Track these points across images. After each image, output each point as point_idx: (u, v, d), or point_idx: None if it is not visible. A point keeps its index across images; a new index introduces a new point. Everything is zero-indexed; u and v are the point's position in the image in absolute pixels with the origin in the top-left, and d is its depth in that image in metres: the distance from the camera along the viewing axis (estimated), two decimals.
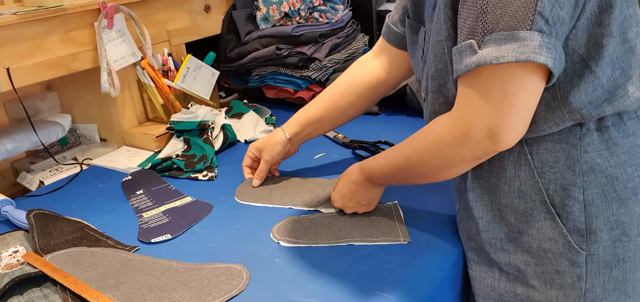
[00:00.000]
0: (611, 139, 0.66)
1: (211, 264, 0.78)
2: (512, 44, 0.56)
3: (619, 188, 0.66)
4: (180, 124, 1.26)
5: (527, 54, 0.56)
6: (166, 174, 1.14)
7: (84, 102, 1.36)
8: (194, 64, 1.39)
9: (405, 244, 0.79)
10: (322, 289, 0.71)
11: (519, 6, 0.56)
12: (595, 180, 0.66)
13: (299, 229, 0.86)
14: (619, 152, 0.66)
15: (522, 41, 0.56)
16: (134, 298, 0.72)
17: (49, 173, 1.22)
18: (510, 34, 0.56)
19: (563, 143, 0.67)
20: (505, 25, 0.57)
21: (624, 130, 0.67)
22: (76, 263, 0.81)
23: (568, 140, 0.67)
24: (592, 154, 0.66)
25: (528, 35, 0.56)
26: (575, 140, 0.66)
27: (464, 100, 0.63)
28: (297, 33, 1.44)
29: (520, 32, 0.56)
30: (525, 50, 0.56)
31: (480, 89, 0.61)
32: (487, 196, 0.73)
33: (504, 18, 0.57)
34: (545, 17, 0.56)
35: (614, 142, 0.66)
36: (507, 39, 0.57)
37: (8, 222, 0.99)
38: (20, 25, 1.09)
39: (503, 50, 0.57)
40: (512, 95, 0.59)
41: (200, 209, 0.97)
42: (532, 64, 0.57)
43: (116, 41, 1.25)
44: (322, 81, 1.45)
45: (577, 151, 0.66)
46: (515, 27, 0.56)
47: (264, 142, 1.03)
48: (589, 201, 0.66)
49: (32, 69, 1.12)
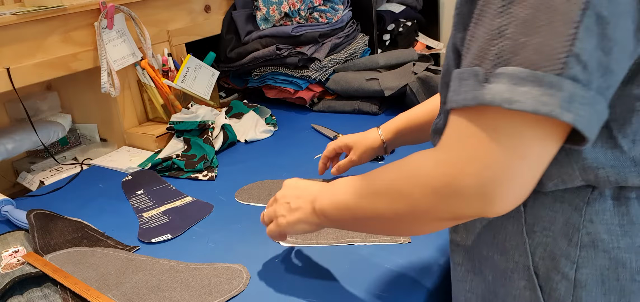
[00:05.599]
0: (630, 214, 0.51)
1: (211, 264, 0.78)
2: (532, 88, 0.42)
3: (624, 278, 0.51)
4: (180, 124, 1.26)
5: (550, 107, 0.41)
6: (166, 174, 1.14)
7: (84, 102, 1.36)
8: (194, 64, 1.39)
9: (405, 244, 0.79)
10: (322, 289, 0.71)
11: (548, 37, 0.41)
12: (595, 259, 0.51)
13: None
14: (635, 234, 0.51)
15: (548, 88, 0.41)
16: (134, 298, 0.72)
17: (49, 173, 1.23)
18: (533, 74, 0.42)
19: (565, 203, 0.52)
20: (528, 59, 0.42)
21: None
22: (76, 263, 0.81)
23: (572, 200, 0.52)
24: (599, 226, 0.51)
25: (556, 82, 0.41)
26: (581, 204, 0.52)
27: (455, 138, 0.48)
28: (297, 33, 1.44)
29: (547, 76, 0.41)
30: (549, 101, 0.41)
31: (479, 131, 0.46)
32: (468, 241, 0.61)
33: (526, 49, 0.42)
34: (583, 61, 0.41)
35: (632, 219, 0.51)
36: (527, 80, 0.42)
37: (8, 222, 0.99)
38: (20, 25, 1.09)
39: (519, 94, 0.42)
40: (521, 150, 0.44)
41: (200, 209, 0.97)
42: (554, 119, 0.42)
43: (116, 41, 1.25)
44: (322, 81, 1.45)
45: (580, 216, 0.52)
46: (541, 66, 0.41)
47: (356, 139, 0.95)
48: (581, 282, 0.52)
49: (32, 69, 1.12)
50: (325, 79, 1.45)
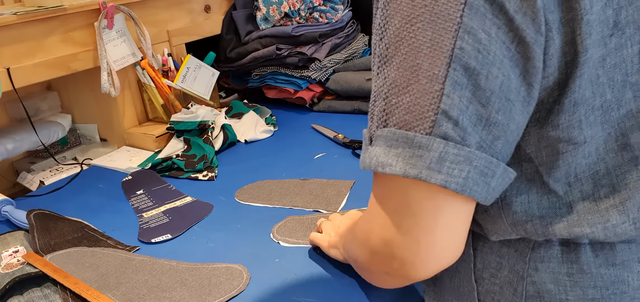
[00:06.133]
0: (580, 261, 0.46)
1: (211, 264, 0.78)
2: (404, 150, 0.40)
3: None
4: (180, 124, 1.27)
5: (418, 169, 0.39)
6: (166, 174, 1.14)
7: (84, 102, 1.36)
8: (194, 64, 1.39)
9: None
10: (322, 289, 0.71)
11: (417, 96, 0.40)
12: None
13: (299, 229, 0.86)
14: (587, 285, 0.45)
15: (417, 149, 0.40)
16: (134, 298, 0.72)
17: (49, 173, 1.23)
18: (405, 134, 0.40)
19: (512, 248, 0.49)
20: (401, 120, 0.40)
21: (607, 257, 0.46)
22: (76, 263, 0.81)
23: (518, 246, 0.48)
24: (544, 275, 0.47)
25: (425, 142, 0.39)
26: (526, 250, 0.48)
27: (371, 198, 0.47)
28: (297, 33, 1.44)
29: (417, 136, 0.40)
30: (417, 163, 0.39)
31: (378, 194, 0.45)
32: (436, 283, 0.59)
33: (399, 109, 0.40)
34: (454, 117, 0.39)
35: (582, 268, 0.46)
36: (399, 141, 0.40)
37: (8, 222, 0.99)
38: (20, 25, 1.09)
39: (392, 156, 0.40)
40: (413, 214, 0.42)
41: (200, 209, 0.97)
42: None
43: (116, 41, 1.25)
44: (322, 81, 1.45)
45: (524, 263, 0.47)
46: (412, 126, 0.40)
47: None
48: None
49: (32, 69, 1.12)
50: (325, 79, 1.45)
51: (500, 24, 0.39)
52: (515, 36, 0.39)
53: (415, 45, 0.40)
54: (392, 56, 0.41)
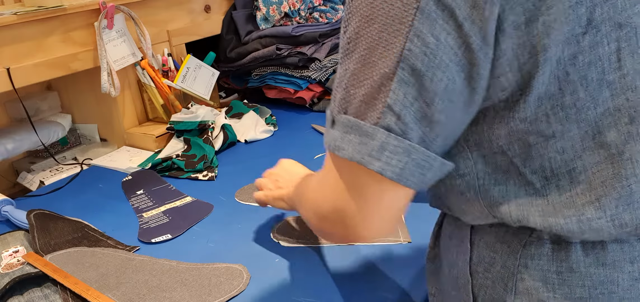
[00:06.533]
0: (569, 260, 0.46)
1: (211, 264, 0.78)
2: (355, 137, 0.45)
3: None
4: (180, 124, 1.26)
5: (362, 155, 0.44)
6: (166, 174, 1.14)
7: (84, 102, 1.36)
8: (194, 64, 1.39)
9: (405, 244, 0.79)
10: (322, 289, 0.71)
11: (370, 89, 0.44)
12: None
13: (299, 229, 0.86)
14: (575, 284, 0.46)
15: (364, 137, 0.44)
16: (134, 298, 0.72)
17: (49, 173, 1.23)
18: (357, 123, 0.44)
19: (505, 244, 0.50)
20: (356, 110, 0.45)
21: (597, 256, 0.46)
22: (76, 263, 0.81)
23: (511, 242, 0.49)
24: (534, 272, 0.48)
25: (371, 132, 0.44)
26: (518, 246, 0.49)
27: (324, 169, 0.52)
28: (297, 33, 1.44)
29: (365, 126, 0.44)
30: (362, 150, 0.44)
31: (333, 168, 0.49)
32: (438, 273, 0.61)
33: (355, 99, 0.45)
34: (397, 112, 0.43)
35: (571, 266, 0.46)
36: (353, 128, 0.45)
37: (8, 222, 0.99)
38: (20, 25, 1.09)
39: (346, 141, 0.45)
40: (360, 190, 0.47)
41: (200, 209, 0.97)
42: None
43: (116, 41, 1.25)
44: (322, 81, 1.45)
45: (515, 260, 0.49)
46: (364, 116, 0.44)
47: None
48: None
49: (32, 69, 1.12)
50: (325, 79, 1.45)
51: (450, 29, 0.41)
52: (463, 43, 0.42)
53: (371, 44, 0.44)
54: (352, 50, 0.45)
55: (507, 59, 0.43)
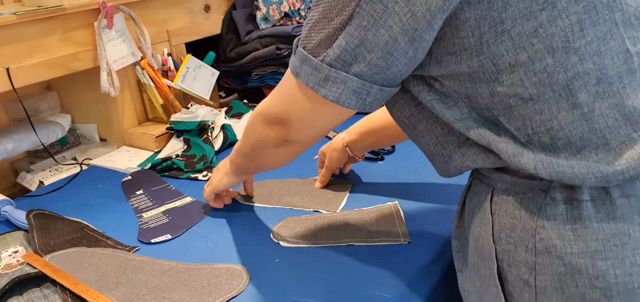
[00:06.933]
0: (582, 217, 0.51)
1: (211, 264, 0.78)
2: (308, 68, 0.58)
3: (582, 284, 0.51)
4: (180, 124, 1.26)
5: (313, 83, 0.58)
6: (166, 174, 1.14)
7: (83, 102, 1.36)
8: (194, 64, 1.39)
9: (405, 244, 0.79)
10: (322, 289, 0.71)
11: (324, 35, 0.57)
12: (550, 266, 0.53)
13: (299, 229, 0.85)
14: (590, 238, 0.51)
15: (314, 69, 0.58)
16: (134, 298, 0.72)
17: (48, 173, 1.22)
18: (309, 58, 0.58)
19: (523, 209, 0.56)
20: (312, 48, 0.58)
21: (608, 211, 0.51)
22: (76, 263, 0.81)
23: (528, 206, 0.55)
24: (551, 231, 0.53)
25: (319, 66, 0.57)
26: (535, 209, 0.54)
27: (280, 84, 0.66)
28: (297, 33, 1.43)
29: (314, 60, 0.57)
30: (313, 79, 0.58)
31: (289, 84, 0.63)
32: (465, 249, 0.66)
33: (312, 40, 0.58)
34: (338, 54, 0.55)
35: (584, 223, 0.51)
36: (306, 61, 0.58)
37: (8, 222, 0.99)
38: (20, 25, 1.09)
39: (302, 69, 0.59)
40: (307, 106, 0.61)
41: (200, 209, 0.97)
42: None
43: (116, 41, 1.25)
44: None
45: (533, 222, 0.54)
46: (316, 53, 0.57)
47: (325, 147, 1.01)
48: (541, 289, 0.54)
49: (32, 69, 1.11)
50: None
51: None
52: (409, 11, 0.51)
53: (331, 2, 0.55)
54: (318, 4, 0.57)
55: (470, 27, 0.51)
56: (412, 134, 0.66)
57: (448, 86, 0.57)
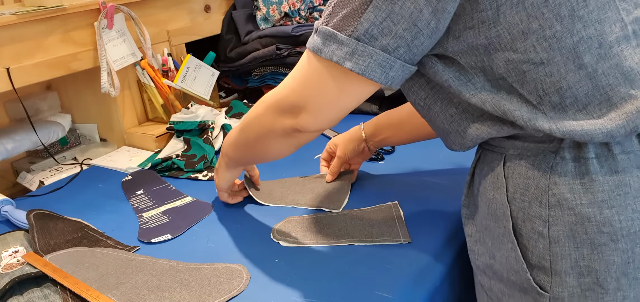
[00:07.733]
0: (589, 173, 0.59)
1: (211, 264, 0.78)
2: (332, 44, 0.60)
3: (591, 231, 0.58)
4: (180, 124, 1.26)
5: (338, 57, 0.59)
6: (166, 174, 1.14)
7: (84, 102, 1.36)
8: (194, 64, 1.39)
9: (405, 244, 0.79)
10: (322, 289, 0.71)
11: (350, 11, 0.58)
12: (562, 217, 0.59)
13: (299, 229, 0.86)
14: (596, 190, 0.58)
15: (340, 44, 0.59)
16: (134, 298, 0.72)
17: (49, 173, 1.22)
18: (334, 34, 0.59)
19: (535, 170, 0.62)
20: (337, 24, 0.59)
21: (610, 166, 0.58)
22: (76, 263, 0.81)
23: (540, 167, 0.61)
24: (562, 187, 0.59)
25: (345, 40, 0.59)
26: (547, 168, 0.61)
27: (297, 68, 0.67)
28: (297, 33, 1.44)
29: (340, 35, 0.59)
30: (338, 53, 0.59)
31: (303, 68, 0.65)
32: (474, 215, 0.71)
33: (337, 17, 0.60)
34: (365, 28, 0.58)
35: (591, 177, 0.58)
36: (331, 37, 0.60)
37: (8, 222, 0.99)
38: (20, 25, 1.09)
39: (326, 46, 0.60)
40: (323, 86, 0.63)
41: (200, 209, 0.97)
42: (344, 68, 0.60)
43: (116, 41, 1.25)
44: None
45: (546, 180, 0.60)
46: (342, 29, 0.59)
47: (340, 137, 1.01)
48: (555, 238, 0.60)
49: (32, 69, 1.12)
50: None
51: None
52: None
53: None
54: None
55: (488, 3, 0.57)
56: (428, 115, 0.70)
57: (464, 62, 0.61)
